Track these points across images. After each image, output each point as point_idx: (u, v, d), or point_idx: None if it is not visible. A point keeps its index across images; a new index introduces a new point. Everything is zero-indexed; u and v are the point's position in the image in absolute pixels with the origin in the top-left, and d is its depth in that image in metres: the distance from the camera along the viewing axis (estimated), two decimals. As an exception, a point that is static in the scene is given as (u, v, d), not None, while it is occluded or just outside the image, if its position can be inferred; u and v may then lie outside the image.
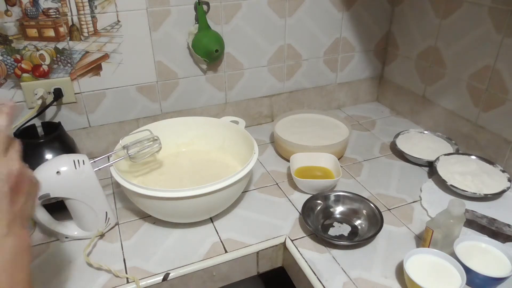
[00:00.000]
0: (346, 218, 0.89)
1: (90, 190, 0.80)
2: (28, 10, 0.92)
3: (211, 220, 0.90)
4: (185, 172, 0.99)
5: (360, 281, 0.74)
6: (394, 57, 1.36)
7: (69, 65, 1.01)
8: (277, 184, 1.02)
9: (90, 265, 0.77)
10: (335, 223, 0.88)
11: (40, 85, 1.00)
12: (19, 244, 0.44)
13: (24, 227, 0.46)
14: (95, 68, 1.04)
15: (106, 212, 0.84)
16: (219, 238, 0.85)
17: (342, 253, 0.80)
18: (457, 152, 1.09)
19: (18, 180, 0.44)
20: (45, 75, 1.00)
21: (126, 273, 0.77)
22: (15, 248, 0.43)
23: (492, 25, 1.00)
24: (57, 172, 0.75)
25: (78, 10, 0.96)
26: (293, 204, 0.95)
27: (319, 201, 0.91)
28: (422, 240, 0.80)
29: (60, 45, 0.98)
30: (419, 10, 1.21)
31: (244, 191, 0.98)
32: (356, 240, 0.83)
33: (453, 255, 0.72)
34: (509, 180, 0.96)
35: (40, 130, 0.99)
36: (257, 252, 0.83)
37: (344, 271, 0.76)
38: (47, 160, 0.81)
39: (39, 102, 0.98)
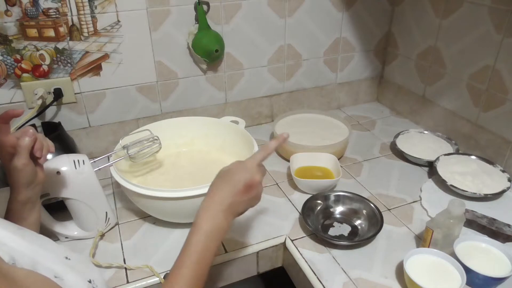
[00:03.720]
0: (346, 218, 0.89)
1: (90, 190, 0.80)
2: (28, 10, 0.92)
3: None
4: (185, 172, 0.99)
5: (360, 281, 0.74)
6: (394, 57, 1.36)
7: (69, 65, 1.01)
8: (277, 184, 1.02)
9: (98, 265, 0.77)
10: (335, 223, 0.88)
11: (40, 85, 1.00)
12: (219, 227, 0.61)
13: (233, 216, 0.64)
14: (95, 68, 1.04)
15: (106, 212, 0.84)
16: (219, 238, 0.85)
17: (342, 253, 0.80)
18: (457, 152, 1.09)
19: (249, 186, 0.63)
20: (45, 75, 1.00)
21: (126, 273, 0.77)
22: (213, 227, 0.60)
23: (492, 25, 1.00)
24: (57, 172, 0.75)
25: (78, 10, 0.96)
26: (293, 204, 0.95)
27: (319, 201, 0.91)
28: (422, 240, 0.80)
29: (60, 45, 0.98)
30: (419, 10, 1.21)
31: (244, 191, 0.98)
32: (356, 240, 0.83)
33: (453, 255, 0.72)
34: (509, 180, 0.96)
35: (40, 130, 0.99)
36: (257, 252, 0.83)
37: (344, 271, 0.76)
38: (47, 160, 0.81)
39: (39, 102, 0.98)
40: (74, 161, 0.77)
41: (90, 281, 0.52)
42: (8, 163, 0.62)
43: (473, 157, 1.04)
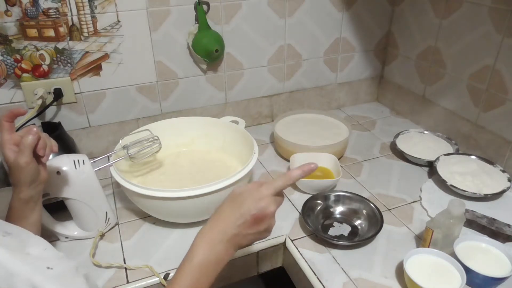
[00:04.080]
0: (346, 218, 0.89)
1: (90, 190, 0.80)
2: (28, 10, 0.92)
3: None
4: (185, 172, 0.99)
5: (360, 281, 0.74)
6: (394, 57, 1.36)
7: (69, 65, 1.01)
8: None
9: (98, 265, 0.77)
10: (335, 223, 0.88)
11: (40, 85, 1.00)
12: (217, 258, 0.55)
13: (235, 250, 0.57)
14: (95, 68, 1.04)
15: (106, 212, 0.84)
16: (219, 238, 0.85)
17: (342, 253, 0.80)
18: (457, 152, 1.09)
19: (259, 219, 0.56)
20: (45, 75, 1.00)
21: (126, 273, 0.77)
22: (209, 258, 0.54)
23: (492, 25, 1.00)
24: (57, 172, 0.75)
25: (78, 10, 0.96)
26: (293, 204, 0.95)
27: (319, 201, 0.91)
28: (422, 240, 0.80)
29: (60, 45, 0.98)
30: (419, 10, 1.21)
31: (244, 191, 0.98)
32: (356, 240, 0.83)
33: (453, 255, 0.72)
34: (509, 180, 0.96)
35: (40, 130, 0.98)
36: (257, 252, 0.83)
37: (344, 271, 0.76)
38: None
39: (39, 102, 0.98)
40: (74, 161, 0.77)
41: None
42: (11, 161, 0.62)
43: (473, 157, 1.04)
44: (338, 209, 0.91)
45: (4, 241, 0.50)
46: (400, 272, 0.75)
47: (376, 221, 0.85)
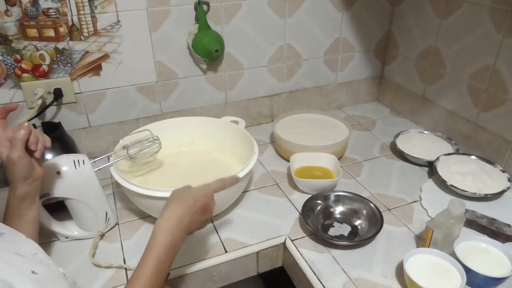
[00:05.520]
0: (346, 218, 0.89)
1: (90, 190, 0.80)
2: (28, 10, 0.92)
3: (211, 220, 0.90)
4: (185, 172, 0.99)
5: (360, 281, 0.74)
6: (394, 57, 1.36)
7: (69, 65, 1.01)
8: (277, 184, 1.02)
9: (97, 265, 0.77)
10: (335, 223, 0.88)
11: (40, 85, 1.00)
12: (176, 242, 0.63)
13: (187, 235, 0.65)
14: (95, 68, 1.04)
15: (106, 212, 0.84)
16: (219, 238, 0.85)
17: (342, 253, 0.80)
18: (457, 152, 1.09)
19: (205, 209, 0.67)
20: (45, 75, 1.00)
21: (126, 273, 0.77)
22: (171, 242, 0.61)
23: (492, 25, 1.00)
24: (57, 172, 0.75)
25: (78, 10, 0.96)
26: (293, 204, 0.95)
27: (319, 201, 0.91)
28: (422, 240, 0.80)
29: (60, 45, 0.98)
30: (419, 10, 1.21)
31: (244, 191, 0.98)
32: (356, 240, 0.83)
33: (453, 255, 0.72)
34: (509, 180, 0.96)
35: (40, 130, 0.99)
36: (257, 252, 0.83)
37: (344, 271, 0.76)
38: (47, 160, 0.81)
39: (39, 102, 0.98)
40: (74, 161, 0.77)
41: None
42: (5, 158, 0.62)
43: (473, 157, 1.04)
44: (338, 209, 0.91)
45: None
46: (400, 272, 0.75)
47: (376, 221, 0.85)
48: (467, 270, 0.69)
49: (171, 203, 0.66)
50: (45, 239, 0.84)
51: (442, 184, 0.97)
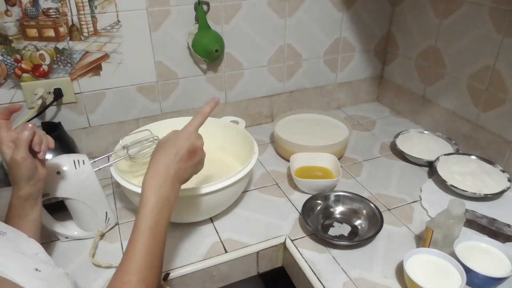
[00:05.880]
0: (346, 218, 0.89)
1: (90, 190, 0.80)
2: (28, 10, 0.92)
3: (211, 220, 0.90)
4: (185, 172, 0.99)
5: (360, 281, 0.74)
6: (394, 57, 1.36)
7: (69, 65, 1.01)
8: (277, 184, 1.02)
9: (97, 265, 0.77)
10: (335, 223, 0.88)
11: (40, 85, 1.00)
12: (167, 197, 0.60)
13: (180, 184, 0.63)
14: (95, 68, 1.04)
15: (106, 212, 0.84)
16: (219, 238, 0.85)
17: (342, 253, 0.80)
18: (457, 152, 1.09)
19: (193, 151, 0.64)
20: (45, 75, 1.00)
21: (126, 273, 0.77)
22: (161, 199, 0.59)
23: (492, 25, 1.00)
24: (57, 172, 0.75)
25: (78, 10, 0.96)
26: (293, 204, 0.95)
27: (319, 201, 0.91)
28: (422, 240, 0.80)
29: (60, 45, 0.98)
30: (419, 10, 1.21)
31: (244, 191, 0.98)
32: (356, 240, 0.83)
33: (453, 255, 0.72)
34: (509, 180, 0.96)
35: (40, 130, 0.99)
36: (257, 252, 0.83)
37: (344, 271, 0.76)
38: (47, 160, 0.81)
39: (39, 102, 0.98)
40: (74, 161, 0.77)
41: None
42: (9, 158, 0.62)
43: (473, 157, 1.04)
44: (338, 209, 0.91)
45: None
46: (400, 272, 0.75)
47: (376, 221, 0.85)
48: (467, 270, 0.69)
49: (154, 155, 0.63)
50: (45, 239, 0.84)
51: (442, 184, 0.97)
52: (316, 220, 0.88)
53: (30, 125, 0.62)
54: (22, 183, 0.64)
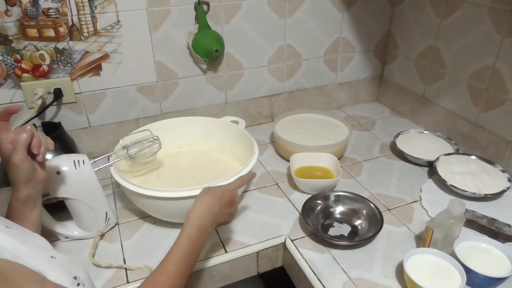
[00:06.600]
0: (346, 218, 0.89)
1: (90, 190, 0.80)
2: (28, 10, 0.92)
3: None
4: (185, 172, 0.99)
5: (360, 281, 0.74)
6: (394, 57, 1.36)
7: (69, 65, 1.01)
8: (277, 184, 1.02)
9: (97, 265, 0.77)
10: (335, 223, 0.88)
11: (40, 85, 1.00)
12: (206, 226, 0.68)
13: (215, 224, 0.72)
14: (95, 68, 1.04)
15: (106, 212, 0.84)
16: (219, 238, 0.85)
17: (342, 253, 0.80)
18: (457, 152, 1.09)
19: (232, 203, 0.74)
20: (45, 75, 1.00)
21: (126, 273, 0.77)
22: (202, 224, 0.68)
23: (492, 25, 1.00)
24: (57, 172, 0.75)
25: (78, 10, 0.96)
26: (293, 204, 0.95)
27: (319, 201, 0.91)
28: (422, 240, 0.80)
29: (60, 45, 0.98)
30: (419, 10, 1.21)
31: (244, 191, 0.98)
32: (356, 240, 0.83)
33: (453, 255, 0.72)
34: (509, 180, 0.96)
35: (40, 130, 0.98)
36: (257, 252, 0.83)
37: (344, 271, 0.76)
38: (47, 160, 0.81)
39: (39, 102, 0.98)
40: (74, 161, 0.77)
41: (75, 278, 0.53)
42: (8, 160, 0.62)
43: (473, 157, 1.04)
44: (338, 209, 0.91)
45: (8, 231, 0.51)
46: (400, 272, 0.75)
47: (376, 221, 0.85)
48: (467, 270, 0.69)
49: (201, 196, 0.72)
50: (45, 239, 0.84)
51: (442, 184, 0.97)
52: (316, 220, 0.88)
53: (28, 127, 0.62)
54: (21, 185, 0.64)
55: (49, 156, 0.88)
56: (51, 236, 0.84)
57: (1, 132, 0.62)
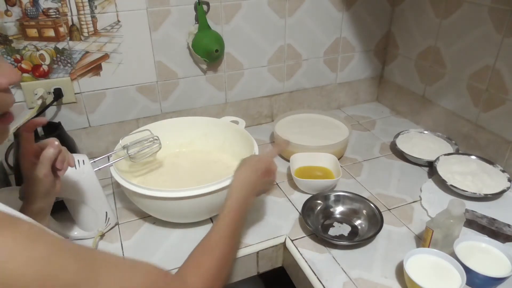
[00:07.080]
0: (346, 218, 0.89)
1: (90, 190, 0.80)
2: (28, 10, 0.92)
3: (211, 220, 0.90)
4: (185, 172, 0.99)
5: (360, 281, 0.74)
6: (394, 57, 1.36)
7: (69, 65, 1.01)
8: (277, 184, 1.02)
9: None
10: (335, 223, 0.88)
11: (40, 85, 1.00)
12: (248, 197, 0.69)
13: (255, 193, 0.73)
14: (95, 68, 1.04)
15: (106, 212, 0.84)
16: (219, 238, 0.85)
17: (342, 253, 0.80)
18: (457, 152, 1.09)
19: (269, 171, 0.76)
20: (45, 75, 1.00)
21: (126, 273, 0.76)
22: (244, 197, 0.68)
23: (492, 25, 1.00)
24: (57, 172, 0.75)
25: (78, 10, 0.96)
26: (293, 204, 0.95)
27: (319, 201, 0.91)
28: (422, 240, 0.80)
29: (60, 45, 0.98)
30: (419, 10, 1.21)
31: (244, 191, 0.98)
32: (356, 240, 0.83)
33: (453, 255, 0.72)
34: (509, 180, 0.96)
35: (40, 130, 0.99)
36: (257, 252, 0.83)
37: (344, 271, 0.76)
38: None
39: (39, 102, 0.98)
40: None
41: None
42: (28, 172, 0.62)
43: (473, 157, 1.04)
44: (338, 209, 0.91)
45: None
46: (400, 272, 0.75)
47: (376, 221, 0.85)
48: (467, 270, 0.69)
49: (239, 168, 0.73)
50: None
51: (442, 184, 0.97)
52: (316, 220, 0.88)
53: (56, 142, 0.62)
54: (38, 198, 0.63)
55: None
56: (51, 236, 0.84)
57: (25, 144, 0.61)
